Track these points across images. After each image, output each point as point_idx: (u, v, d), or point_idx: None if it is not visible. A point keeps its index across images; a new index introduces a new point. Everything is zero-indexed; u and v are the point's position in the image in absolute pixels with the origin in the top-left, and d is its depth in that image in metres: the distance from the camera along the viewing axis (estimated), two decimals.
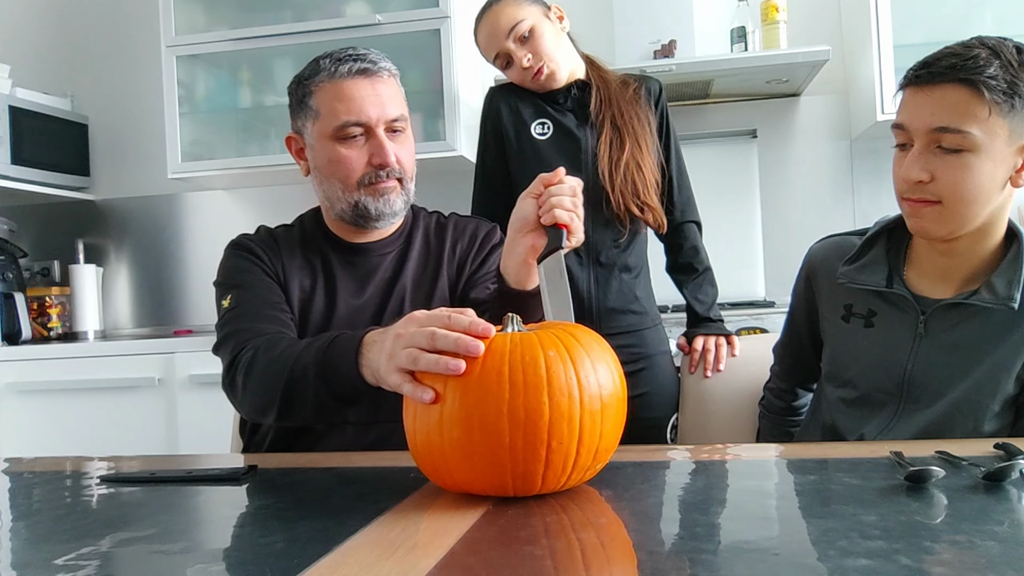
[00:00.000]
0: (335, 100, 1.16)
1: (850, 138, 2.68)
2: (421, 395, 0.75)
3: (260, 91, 2.78)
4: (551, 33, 1.58)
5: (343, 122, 1.16)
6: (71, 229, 3.11)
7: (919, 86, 0.99)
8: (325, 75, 1.18)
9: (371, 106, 1.16)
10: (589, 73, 1.64)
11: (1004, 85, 0.95)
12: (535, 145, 1.62)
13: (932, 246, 1.08)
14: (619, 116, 1.59)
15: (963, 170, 0.98)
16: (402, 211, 1.23)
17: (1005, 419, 1.08)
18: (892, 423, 1.11)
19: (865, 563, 0.54)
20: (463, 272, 1.28)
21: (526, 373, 0.72)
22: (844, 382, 1.17)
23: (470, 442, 0.72)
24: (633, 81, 1.66)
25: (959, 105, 0.96)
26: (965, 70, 0.95)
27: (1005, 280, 1.03)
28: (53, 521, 0.77)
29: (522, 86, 1.65)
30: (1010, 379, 1.05)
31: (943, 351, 1.08)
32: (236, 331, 1.11)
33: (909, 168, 1.00)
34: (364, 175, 1.18)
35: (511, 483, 0.74)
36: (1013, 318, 1.04)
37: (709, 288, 1.70)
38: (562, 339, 0.77)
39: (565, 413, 0.72)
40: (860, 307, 1.15)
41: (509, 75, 1.64)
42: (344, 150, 1.17)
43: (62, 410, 2.44)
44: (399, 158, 1.19)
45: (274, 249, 1.23)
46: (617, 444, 0.79)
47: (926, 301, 1.09)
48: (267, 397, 1.02)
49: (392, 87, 1.21)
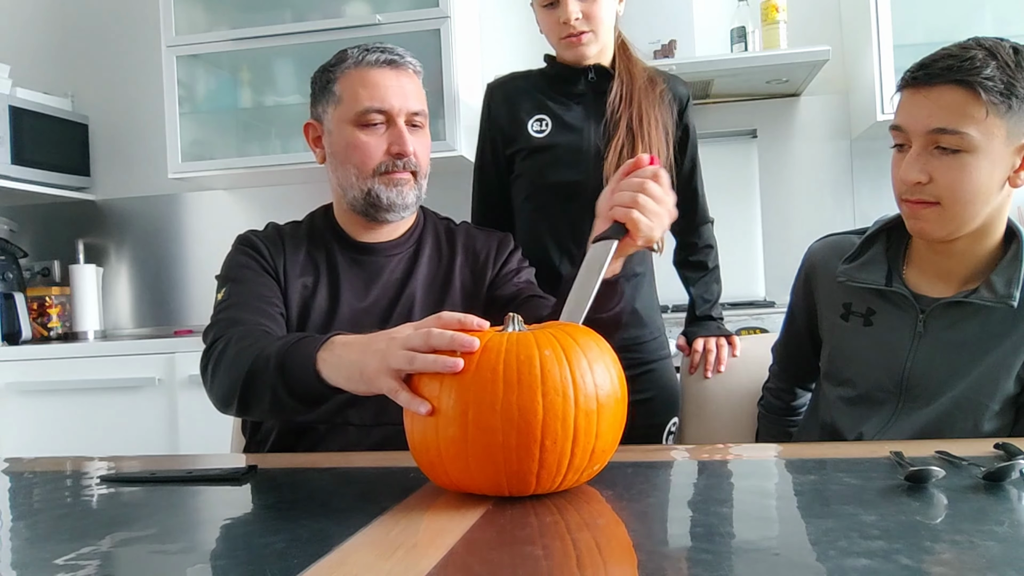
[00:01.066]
0: (359, 86, 1.17)
1: (850, 138, 2.68)
2: (418, 407, 0.75)
3: (260, 91, 2.78)
4: (610, 6, 1.46)
5: (365, 107, 1.16)
6: (71, 229, 3.11)
7: (916, 87, 1.00)
8: (351, 62, 1.19)
9: (394, 96, 1.17)
10: (617, 60, 1.51)
11: (1001, 86, 0.95)
12: (533, 143, 1.53)
13: (931, 246, 1.08)
14: (636, 120, 1.46)
15: (961, 171, 0.98)
16: (413, 206, 1.22)
17: (1005, 419, 1.07)
18: (891, 422, 1.11)
19: (865, 563, 0.54)
20: (484, 276, 1.26)
21: (520, 371, 0.72)
22: (843, 381, 1.17)
23: (464, 440, 0.73)
24: (661, 80, 1.52)
25: (956, 106, 0.96)
26: (962, 71, 0.95)
27: (1004, 279, 1.03)
28: (53, 521, 0.77)
29: (548, 41, 1.51)
30: (1010, 378, 1.05)
31: (942, 350, 1.08)
32: (219, 321, 1.12)
33: (907, 169, 1.00)
34: (381, 163, 1.18)
35: (505, 482, 0.74)
36: (1013, 317, 1.04)
37: (715, 286, 1.69)
38: (559, 339, 0.76)
39: (559, 412, 0.72)
40: (859, 306, 1.15)
41: (543, 19, 1.49)
42: (363, 136, 1.17)
43: (62, 410, 2.44)
44: (416, 151, 1.19)
45: (277, 246, 1.23)
46: (616, 446, 0.79)
47: (925, 300, 1.09)
48: (230, 386, 1.01)
49: (416, 83, 1.22)
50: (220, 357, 1.04)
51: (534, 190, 1.55)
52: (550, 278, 1.40)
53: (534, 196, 1.55)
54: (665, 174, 0.92)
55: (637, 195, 0.91)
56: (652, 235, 0.92)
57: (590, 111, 1.52)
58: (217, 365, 1.05)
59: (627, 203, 0.91)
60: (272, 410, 1.00)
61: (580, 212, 1.50)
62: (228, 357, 1.03)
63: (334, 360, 0.89)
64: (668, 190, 0.93)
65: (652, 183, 0.91)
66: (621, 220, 0.91)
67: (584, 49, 1.46)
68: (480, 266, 1.27)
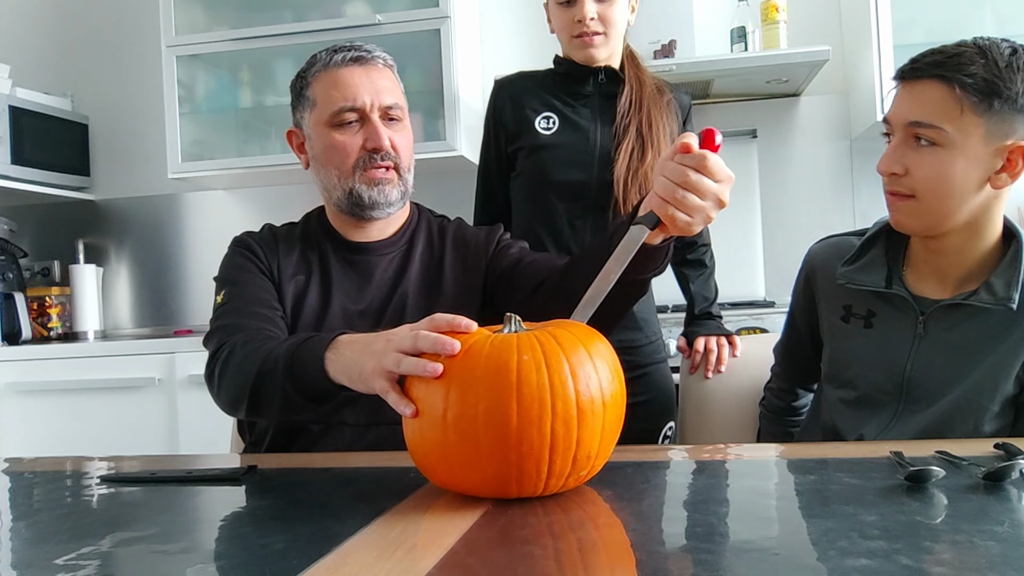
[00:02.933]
0: (330, 87, 1.17)
1: (850, 138, 2.68)
2: (403, 409, 0.76)
3: (260, 91, 2.78)
4: (623, 12, 1.51)
5: (338, 107, 1.16)
6: (71, 229, 3.11)
7: (904, 81, 1.03)
8: (320, 65, 1.19)
9: (364, 91, 1.17)
10: (626, 68, 1.54)
11: (981, 84, 0.96)
12: (539, 140, 1.54)
13: (925, 245, 1.08)
14: (646, 125, 1.48)
15: (935, 165, 0.99)
16: (399, 202, 1.21)
17: (1005, 419, 1.07)
18: (892, 424, 1.11)
19: (865, 563, 0.54)
20: (479, 265, 1.24)
21: (497, 377, 0.71)
22: (843, 383, 1.17)
23: (445, 443, 0.73)
24: (668, 90, 1.56)
25: (934, 101, 0.98)
26: (944, 67, 0.98)
27: (1004, 281, 1.03)
28: (53, 521, 0.77)
29: (560, 41, 1.54)
30: (1009, 380, 1.05)
31: (942, 352, 1.08)
32: (222, 326, 1.12)
33: (885, 160, 1.03)
34: (358, 159, 1.17)
35: (487, 486, 0.74)
36: (1012, 319, 1.04)
37: (713, 284, 1.69)
38: (543, 342, 0.74)
39: (535, 419, 0.70)
40: (859, 308, 1.15)
41: (558, 16, 1.52)
42: (339, 136, 1.17)
43: (62, 410, 2.44)
44: (394, 144, 1.18)
45: (272, 247, 1.23)
46: (608, 450, 0.78)
47: (925, 302, 1.09)
48: (239, 389, 1.02)
49: (387, 77, 1.21)
50: (226, 363, 1.05)
51: (535, 189, 1.55)
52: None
53: (535, 195, 1.55)
54: (715, 157, 0.82)
55: (676, 189, 0.82)
56: (690, 230, 0.84)
57: (597, 113, 1.53)
58: (224, 371, 1.05)
59: (664, 195, 0.83)
60: (283, 410, 1.01)
61: (581, 213, 1.53)
62: (234, 362, 1.04)
63: (339, 359, 0.90)
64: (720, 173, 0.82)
65: (695, 173, 0.81)
66: (657, 213, 0.84)
67: (595, 51, 1.49)
68: (472, 256, 1.26)
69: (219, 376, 1.06)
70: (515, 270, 1.21)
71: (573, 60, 1.54)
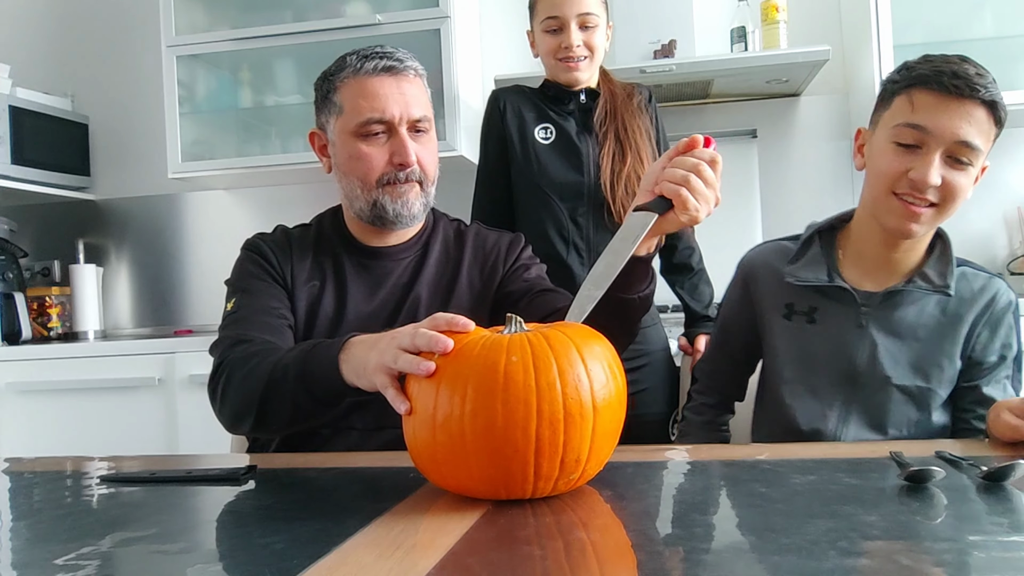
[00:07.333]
0: (359, 96, 1.15)
1: (850, 138, 2.68)
2: (399, 406, 0.77)
3: (260, 91, 2.78)
4: (603, 39, 1.65)
5: (366, 119, 1.14)
6: (71, 229, 3.11)
7: (948, 95, 1.02)
8: (350, 71, 1.16)
9: (394, 104, 1.15)
10: (601, 83, 1.69)
11: (1002, 114, 1.03)
12: (537, 148, 1.65)
13: (883, 241, 1.13)
14: (623, 130, 1.63)
15: (966, 180, 1.05)
16: (421, 214, 1.21)
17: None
18: (846, 415, 1.15)
19: (865, 563, 0.54)
20: (495, 275, 1.24)
21: (483, 378, 0.71)
22: (792, 379, 1.19)
23: (433, 442, 0.73)
24: (636, 92, 1.69)
25: (982, 123, 1.03)
26: (989, 92, 1.01)
27: (937, 271, 1.12)
28: (53, 521, 0.77)
29: (545, 64, 1.67)
30: (953, 364, 1.12)
31: (885, 340, 1.13)
32: (228, 337, 1.11)
33: (930, 172, 1.04)
34: (384, 174, 1.16)
35: (476, 487, 0.74)
36: (950, 305, 1.11)
37: (705, 287, 1.73)
38: (534, 343, 0.73)
39: (520, 422, 0.70)
40: (801, 305, 1.19)
41: (545, 43, 1.64)
42: (365, 147, 1.16)
43: (62, 410, 2.44)
44: (420, 159, 1.17)
45: (285, 251, 1.22)
46: (601, 455, 0.77)
47: (864, 294, 1.14)
48: (246, 401, 1.02)
49: (418, 87, 1.19)
50: (229, 378, 1.05)
51: (538, 191, 1.65)
52: (560, 272, 1.50)
53: (538, 196, 1.65)
54: (721, 160, 0.89)
55: (689, 175, 0.86)
56: (697, 216, 0.88)
57: (580, 125, 1.68)
58: (227, 386, 1.05)
59: (677, 180, 0.87)
60: (292, 419, 1.01)
61: (581, 210, 1.64)
62: (239, 376, 1.04)
63: (351, 359, 0.91)
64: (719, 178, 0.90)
65: (706, 166, 0.87)
66: (669, 196, 0.87)
67: (580, 74, 1.64)
68: (490, 266, 1.25)
69: (223, 392, 1.06)
70: (523, 297, 1.19)
71: (559, 83, 1.67)
